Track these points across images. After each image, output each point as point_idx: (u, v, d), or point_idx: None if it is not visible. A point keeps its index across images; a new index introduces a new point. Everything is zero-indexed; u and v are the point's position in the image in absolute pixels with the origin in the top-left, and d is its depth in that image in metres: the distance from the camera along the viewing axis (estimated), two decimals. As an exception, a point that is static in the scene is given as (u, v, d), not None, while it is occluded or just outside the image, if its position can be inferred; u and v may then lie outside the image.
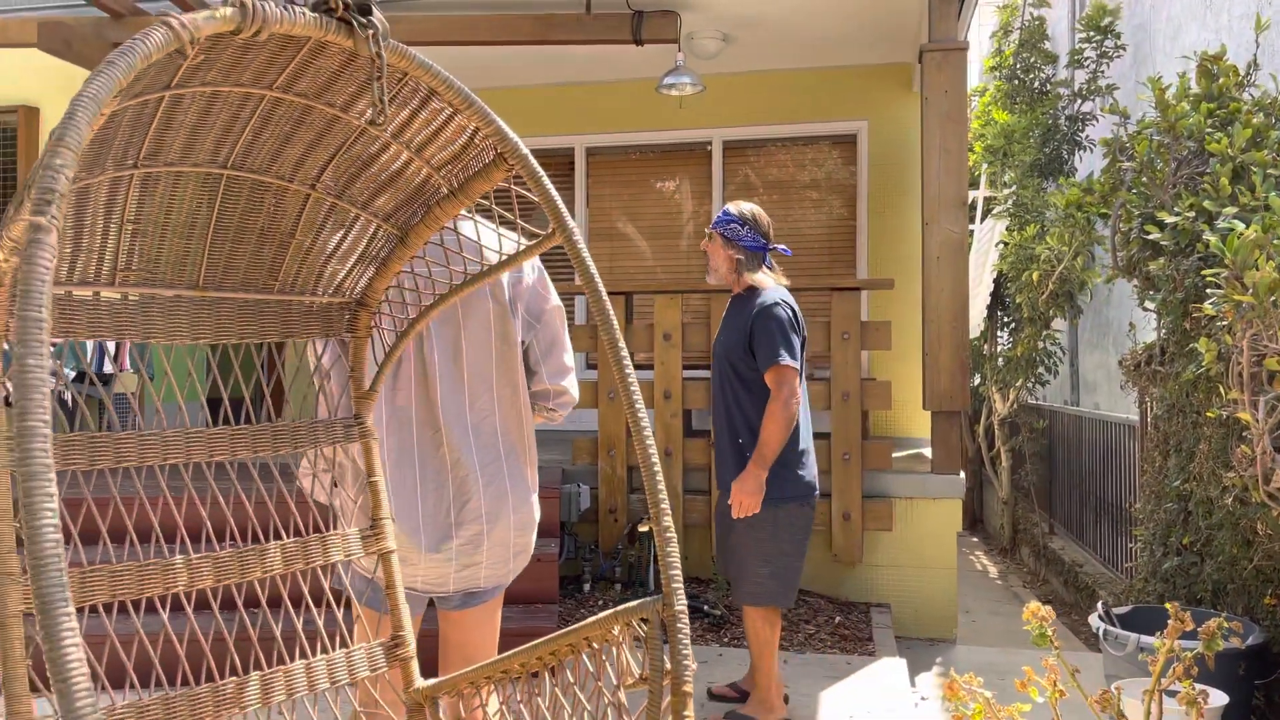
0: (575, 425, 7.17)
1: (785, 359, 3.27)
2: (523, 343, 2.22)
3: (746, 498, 3.28)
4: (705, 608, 4.76)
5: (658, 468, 1.40)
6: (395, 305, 1.79)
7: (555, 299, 2.27)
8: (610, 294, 5.28)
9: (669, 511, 1.41)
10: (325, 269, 1.59)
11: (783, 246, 3.56)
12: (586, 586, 5.04)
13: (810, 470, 3.48)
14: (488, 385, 2.15)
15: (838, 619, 4.77)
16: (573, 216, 7.61)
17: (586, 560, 5.12)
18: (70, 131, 0.92)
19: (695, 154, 7.44)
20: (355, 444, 1.70)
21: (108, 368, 5.73)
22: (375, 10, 1.25)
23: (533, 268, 2.23)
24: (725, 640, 4.50)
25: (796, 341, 3.34)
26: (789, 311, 3.34)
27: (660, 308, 5.17)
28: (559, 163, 7.61)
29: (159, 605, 1.42)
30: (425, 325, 1.87)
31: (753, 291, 3.43)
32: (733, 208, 3.46)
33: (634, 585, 5.05)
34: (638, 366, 5.75)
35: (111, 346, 5.70)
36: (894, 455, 5.47)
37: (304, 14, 1.18)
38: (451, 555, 2.12)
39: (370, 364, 1.99)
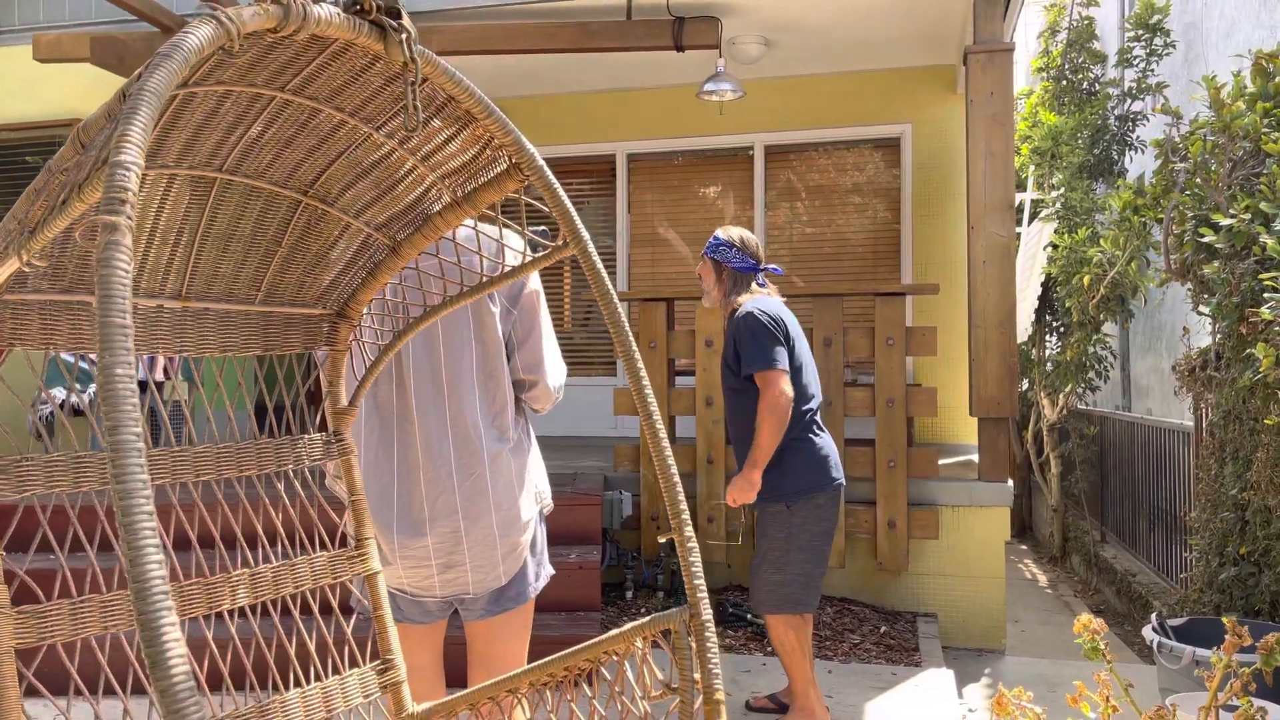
0: (617, 432, 7.16)
1: (765, 362, 3.33)
2: (503, 331, 2.13)
3: (736, 494, 3.41)
4: (749, 616, 4.72)
5: (676, 477, 1.38)
6: (377, 317, 1.73)
7: (534, 284, 2.17)
8: (652, 300, 5.27)
9: (690, 521, 1.39)
10: (308, 279, 1.55)
11: (774, 266, 3.65)
12: (629, 594, 5.02)
13: (813, 465, 3.43)
14: (466, 378, 2.09)
15: (883, 628, 4.71)
16: (614, 222, 7.65)
17: (629, 568, 5.10)
18: (135, 127, 0.88)
19: (737, 159, 7.41)
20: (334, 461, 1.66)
21: (158, 376, 5.82)
22: (405, 14, 1.24)
23: (513, 254, 2.11)
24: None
25: (777, 344, 3.36)
26: (766, 317, 3.38)
27: (702, 314, 5.14)
28: (601, 169, 7.62)
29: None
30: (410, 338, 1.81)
31: (736, 310, 3.53)
32: (721, 233, 3.56)
33: (677, 592, 5.02)
34: (680, 373, 5.72)
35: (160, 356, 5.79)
36: (940, 462, 5.39)
37: (338, 15, 1.17)
38: (428, 553, 2.07)
39: (351, 377, 1.93)
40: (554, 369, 2.22)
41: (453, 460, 2.07)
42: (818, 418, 3.54)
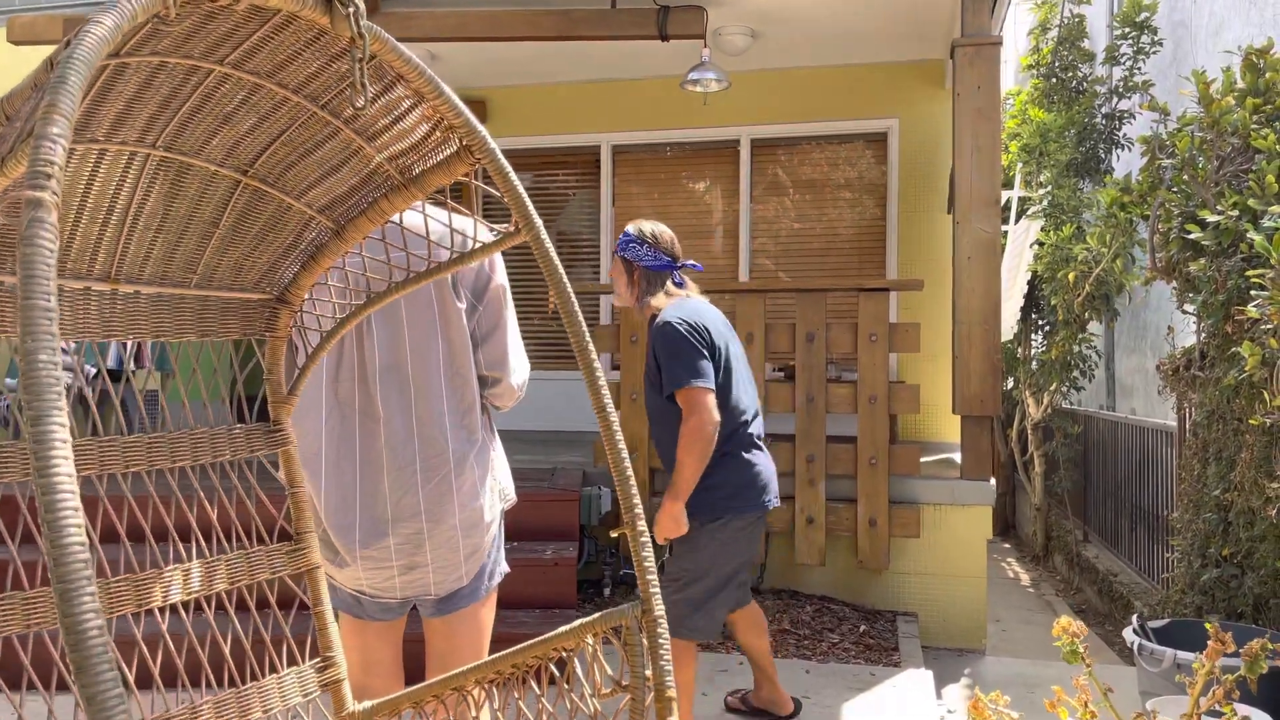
0: (596, 426, 7.08)
1: (685, 378, 2.95)
2: (468, 326, 2.08)
3: (661, 531, 3.01)
4: (727, 614, 4.65)
5: (629, 467, 1.35)
6: (322, 303, 1.66)
7: (501, 278, 2.11)
8: (633, 293, 5.19)
9: (643, 515, 1.37)
10: (247, 263, 1.48)
11: (692, 262, 3.25)
12: (607, 591, 4.95)
13: (738, 484, 3.08)
14: (435, 374, 2.03)
15: (862, 628, 4.65)
16: (599, 215, 7.56)
17: (607, 564, 5.03)
18: (64, 96, 0.82)
19: (723, 152, 7.33)
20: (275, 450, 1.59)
21: (121, 363, 5.72)
22: None
23: (462, 239, 2.10)
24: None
25: (699, 357, 2.98)
26: (685, 326, 2.99)
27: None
28: (585, 160, 7.53)
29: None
30: (355, 325, 1.72)
31: (654, 316, 3.13)
32: (632, 227, 3.17)
33: (655, 590, 4.95)
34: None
35: (130, 343, 5.69)
36: (922, 460, 5.33)
37: None
38: (389, 555, 2.01)
39: (294, 367, 1.88)
40: (518, 366, 2.17)
41: (418, 460, 2.01)
42: (752, 432, 3.16)
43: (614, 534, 1.42)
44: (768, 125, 7.13)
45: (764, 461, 3.18)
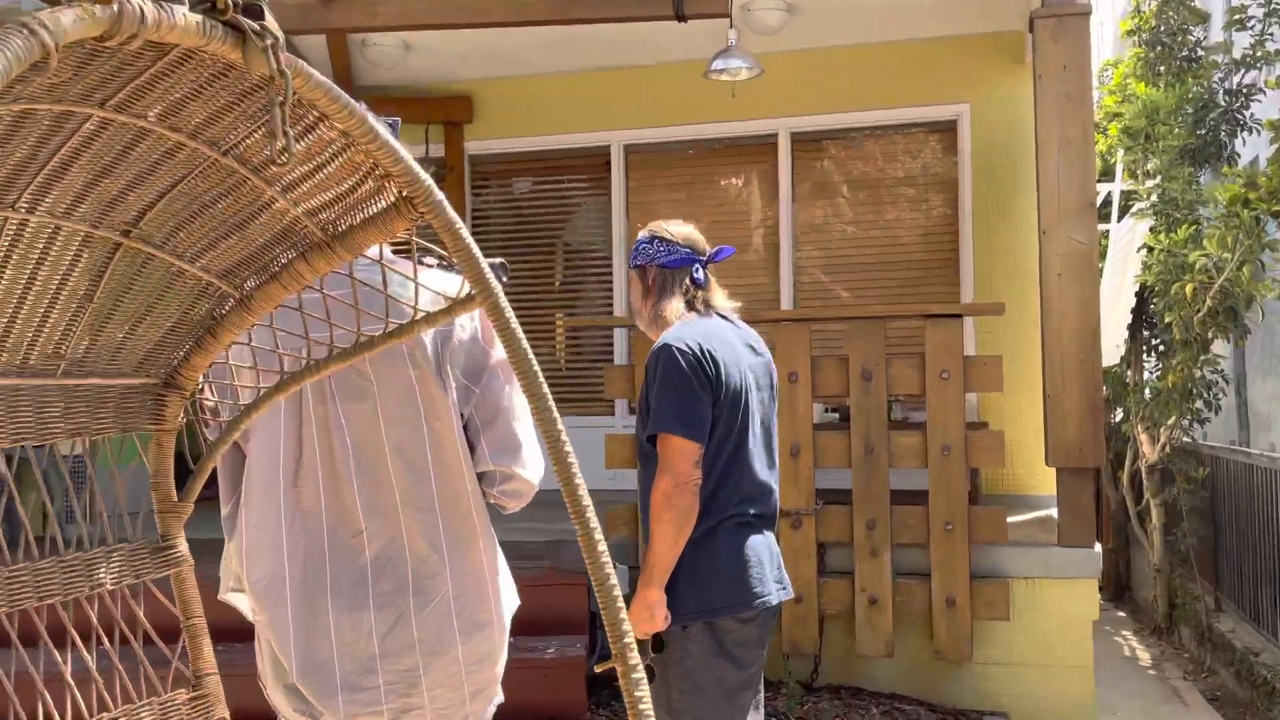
0: (614, 484, 7.01)
1: (673, 426, 2.69)
2: (463, 414, 2.05)
3: (635, 627, 2.62)
4: (773, 720, 4.56)
5: (615, 587, 1.29)
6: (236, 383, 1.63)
7: (500, 352, 2.06)
8: (651, 326, 5.14)
9: (633, 644, 1.34)
10: (127, 342, 1.44)
11: (722, 246, 3.04)
12: (626, 691, 4.87)
13: (726, 573, 2.77)
14: (423, 474, 1.99)
15: (941, 733, 4.55)
16: (610, 229, 7.54)
17: (626, 658, 4.95)
18: None
19: (758, 149, 7.31)
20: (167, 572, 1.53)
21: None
22: (269, 15, 1.15)
23: (469, 317, 2.04)
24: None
25: (694, 399, 2.71)
26: (689, 355, 2.72)
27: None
28: (592, 163, 7.54)
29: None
30: (265, 411, 1.64)
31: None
32: (644, 232, 3.02)
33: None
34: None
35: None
36: (1010, 521, 5.22)
37: (184, 15, 1.08)
38: (379, 697, 1.96)
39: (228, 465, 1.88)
40: (531, 457, 2.10)
41: (410, 581, 1.98)
42: (754, 507, 2.85)
43: (599, 669, 1.39)
44: (810, 116, 7.10)
45: (760, 545, 2.86)
